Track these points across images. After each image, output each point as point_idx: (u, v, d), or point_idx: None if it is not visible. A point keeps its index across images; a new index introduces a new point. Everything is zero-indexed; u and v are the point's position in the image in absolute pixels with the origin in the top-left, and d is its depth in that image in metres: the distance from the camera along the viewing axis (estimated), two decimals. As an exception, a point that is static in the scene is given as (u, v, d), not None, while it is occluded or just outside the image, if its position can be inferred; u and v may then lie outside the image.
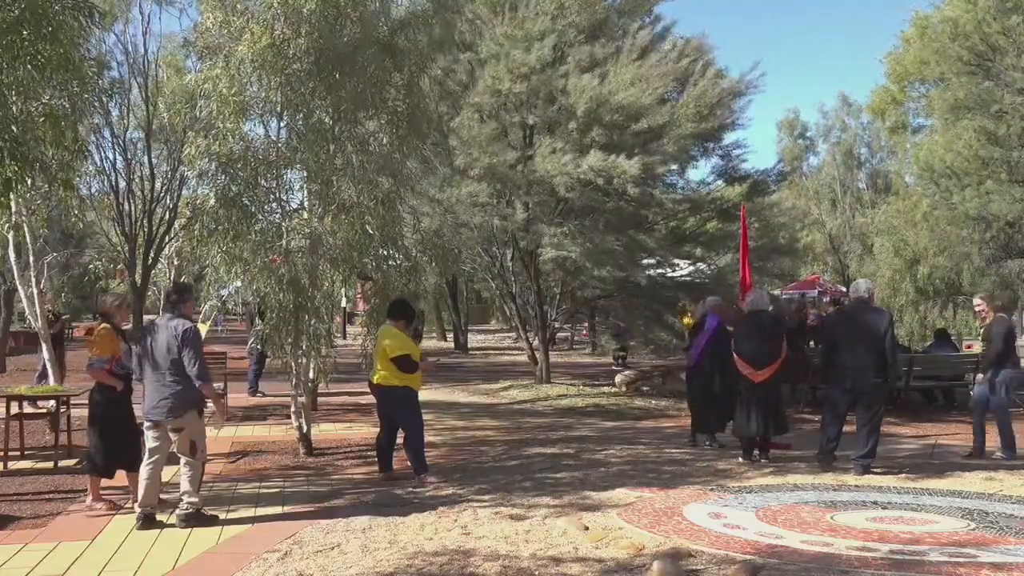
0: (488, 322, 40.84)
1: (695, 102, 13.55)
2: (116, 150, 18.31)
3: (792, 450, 8.72)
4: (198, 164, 8.15)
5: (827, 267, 40.54)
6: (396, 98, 8.91)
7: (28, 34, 5.85)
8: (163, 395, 5.98)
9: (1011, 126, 17.81)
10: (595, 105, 12.72)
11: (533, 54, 13.06)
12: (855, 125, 42.16)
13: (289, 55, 8.02)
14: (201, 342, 6.19)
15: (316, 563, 5.07)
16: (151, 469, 6.00)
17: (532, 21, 13.44)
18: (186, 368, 5.94)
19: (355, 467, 8.14)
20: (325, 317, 8.73)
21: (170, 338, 5.99)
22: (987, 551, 5.19)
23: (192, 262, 22.73)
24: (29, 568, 5.04)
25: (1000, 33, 17.65)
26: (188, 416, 6.04)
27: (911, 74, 24.52)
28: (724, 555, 5.15)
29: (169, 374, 5.97)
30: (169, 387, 5.97)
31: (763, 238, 14.65)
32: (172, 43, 18.91)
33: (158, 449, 6.05)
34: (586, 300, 17.17)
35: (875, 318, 7.80)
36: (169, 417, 5.98)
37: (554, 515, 6.12)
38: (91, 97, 7.14)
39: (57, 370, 11.45)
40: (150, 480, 5.98)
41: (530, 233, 13.76)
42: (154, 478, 6.01)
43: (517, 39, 13.37)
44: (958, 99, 18.68)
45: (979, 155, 18.44)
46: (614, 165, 12.21)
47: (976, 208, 18.35)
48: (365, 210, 8.54)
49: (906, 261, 29.24)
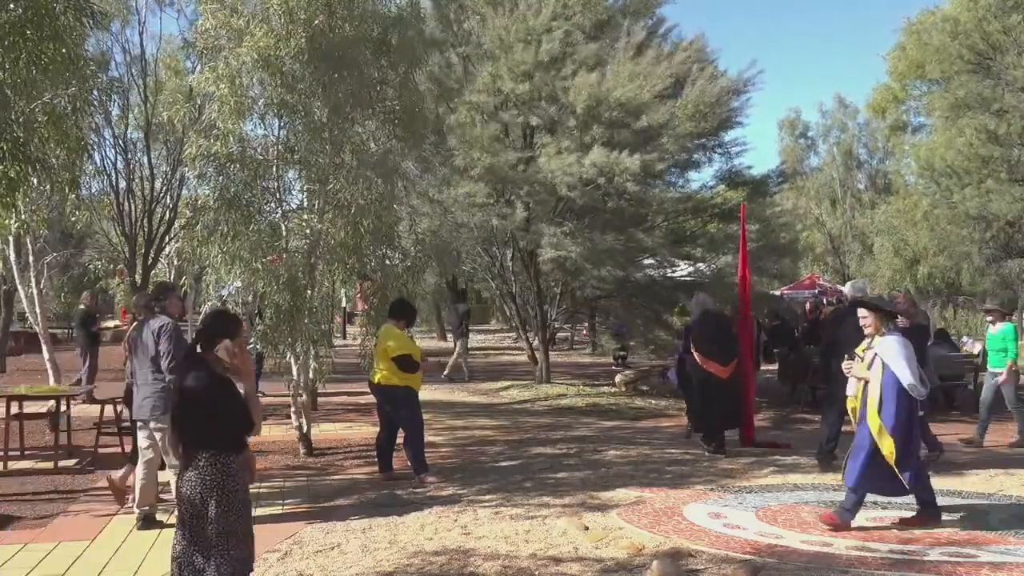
0: (488, 322, 40.83)
1: (694, 101, 13.53)
2: (116, 150, 18.31)
3: (792, 450, 8.73)
4: (198, 164, 8.16)
5: (827, 267, 40.55)
6: (392, 97, 8.93)
7: (31, 34, 5.86)
8: (146, 394, 5.99)
9: (1011, 125, 17.82)
10: (594, 102, 12.71)
11: (536, 53, 13.05)
12: (853, 125, 42.19)
13: (285, 54, 8.03)
14: (180, 338, 6.13)
15: (316, 563, 5.08)
16: (145, 469, 6.00)
17: (534, 19, 13.43)
18: (160, 364, 5.93)
19: (355, 467, 8.14)
20: (323, 317, 8.73)
21: (149, 336, 6.01)
22: (987, 551, 5.20)
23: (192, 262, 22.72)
24: (29, 568, 5.05)
25: (1000, 32, 17.66)
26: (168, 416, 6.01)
27: (912, 72, 24.54)
28: (724, 555, 5.15)
29: (151, 373, 5.96)
30: (151, 386, 5.97)
31: (763, 238, 14.63)
32: (171, 45, 18.93)
33: (150, 449, 6.04)
34: (586, 300, 17.16)
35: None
36: (152, 416, 5.96)
37: (554, 515, 6.12)
38: (91, 97, 7.15)
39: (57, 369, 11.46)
40: (146, 480, 5.98)
41: (530, 233, 13.75)
42: (149, 478, 6.00)
43: (519, 38, 13.36)
44: (958, 98, 18.69)
45: (979, 154, 18.44)
46: (616, 161, 12.22)
47: (976, 207, 18.36)
48: (360, 210, 8.55)
49: (906, 261, 29.29)
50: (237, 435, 3.73)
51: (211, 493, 3.58)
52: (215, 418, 3.64)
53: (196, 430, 3.66)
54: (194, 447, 3.66)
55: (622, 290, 14.99)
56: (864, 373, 5.78)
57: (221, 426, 3.65)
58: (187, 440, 3.69)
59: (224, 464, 3.62)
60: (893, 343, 5.71)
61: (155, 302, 6.30)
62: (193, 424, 3.67)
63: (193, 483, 3.60)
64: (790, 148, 44.82)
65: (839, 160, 41.73)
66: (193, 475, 3.61)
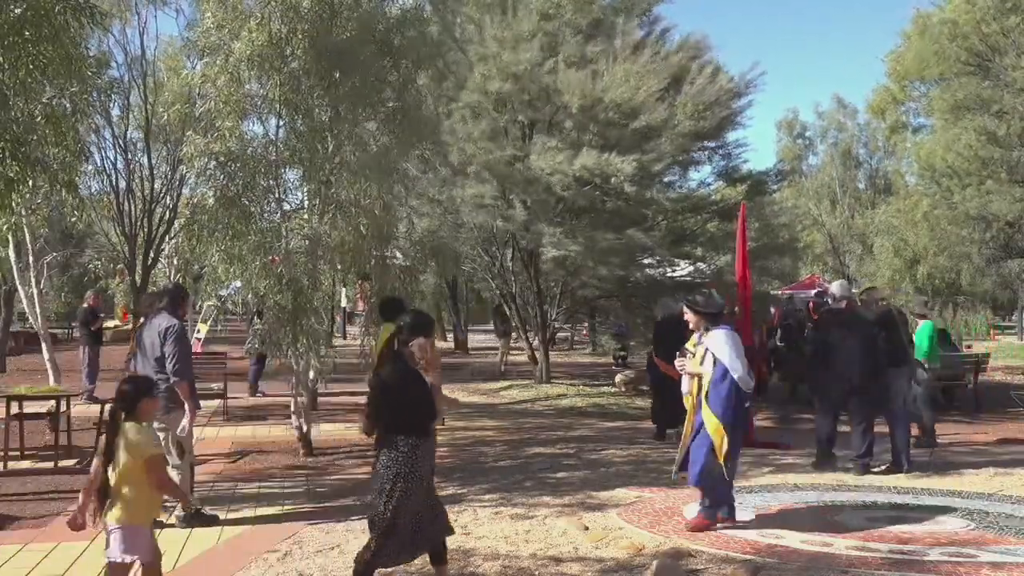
0: (488, 322, 40.80)
1: (692, 100, 13.49)
2: (116, 150, 18.29)
3: (791, 450, 8.73)
4: (197, 163, 8.15)
5: (827, 267, 40.55)
6: (393, 97, 8.93)
7: (30, 35, 5.86)
8: None
9: (1011, 126, 17.81)
10: (589, 103, 12.69)
11: (522, 53, 13.02)
12: (852, 125, 42.20)
13: (287, 54, 8.03)
14: (185, 340, 6.14)
15: (316, 563, 5.08)
16: None
17: (522, 21, 13.41)
18: (166, 365, 5.92)
19: (355, 467, 8.14)
20: (324, 317, 8.73)
21: (155, 336, 6.00)
22: (987, 551, 5.20)
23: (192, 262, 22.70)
24: (29, 568, 5.05)
25: (999, 33, 17.66)
26: (174, 416, 6.01)
27: (911, 74, 24.54)
28: (724, 555, 5.15)
29: (154, 373, 5.95)
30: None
31: (763, 238, 14.63)
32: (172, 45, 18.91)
33: None
34: (586, 300, 17.17)
35: (868, 317, 7.83)
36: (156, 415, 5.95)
37: (554, 515, 6.12)
38: (91, 97, 7.15)
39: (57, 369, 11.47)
40: None
41: (530, 232, 13.74)
42: None
43: (507, 39, 13.33)
44: (958, 99, 18.69)
45: (979, 155, 18.43)
46: (607, 163, 12.17)
47: (976, 208, 18.36)
48: (360, 210, 8.54)
49: (906, 261, 29.31)
50: (424, 422, 4.24)
51: (402, 472, 4.10)
52: (408, 407, 4.16)
53: (392, 417, 4.17)
54: (391, 431, 4.16)
55: (622, 290, 14.99)
56: (697, 369, 5.80)
57: (412, 414, 4.17)
58: (383, 426, 4.20)
59: (413, 447, 4.13)
60: (722, 337, 5.73)
61: (170, 304, 6.28)
62: (390, 412, 4.18)
63: (387, 463, 4.13)
64: (788, 148, 44.85)
65: (838, 160, 41.74)
66: (392, 455, 4.13)
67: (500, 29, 13.47)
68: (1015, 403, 12.11)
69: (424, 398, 4.19)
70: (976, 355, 13.43)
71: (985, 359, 13.14)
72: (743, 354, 5.72)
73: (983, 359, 12.98)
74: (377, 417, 4.22)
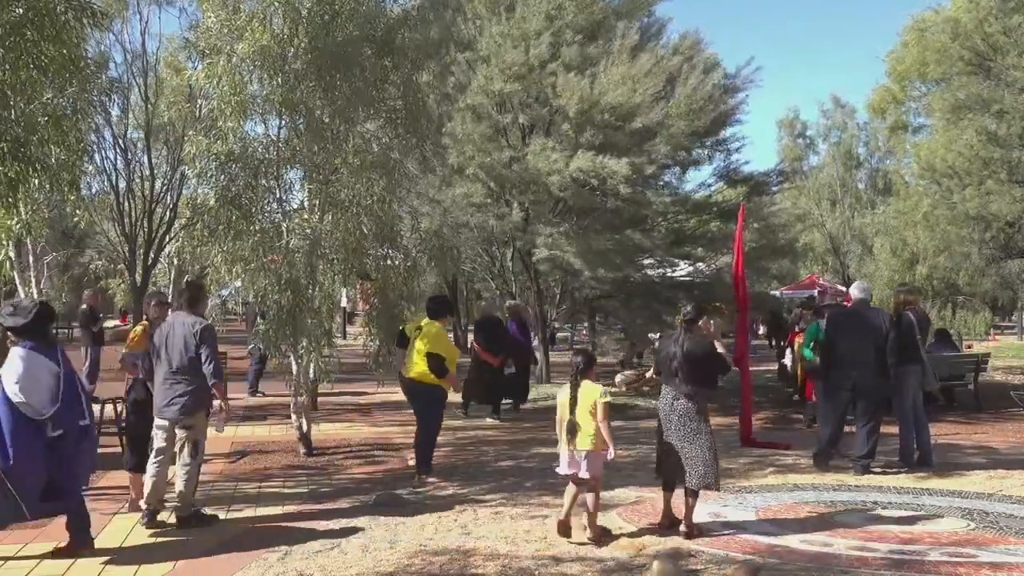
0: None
1: (687, 98, 13.43)
2: (116, 150, 18.31)
3: (791, 450, 8.73)
4: (198, 163, 8.16)
5: (827, 267, 40.53)
6: (394, 97, 8.93)
7: (31, 35, 5.86)
8: (178, 392, 5.96)
9: (1012, 126, 17.78)
10: (587, 105, 12.68)
11: (525, 54, 13.02)
12: (852, 125, 42.15)
13: (288, 54, 8.03)
14: (216, 339, 6.17)
15: (316, 563, 5.08)
16: (158, 468, 6.01)
17: (526, 21, 13.40)
18: (202, 366, 5.92)
19: (355, 467, 8.15)
20: (325, 317, 8.74)
21: (188, 336, 5.97)
22: (987, 551, 5.20)
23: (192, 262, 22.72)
24: (29, 568, 5.05)
25: (1001, 33, 17.63)
26: (198, 415, 6.05)
27: (912, 73, 24.51)
28: (724, 555, 5.16)
29: (185, 372, 5.96)
30: (184, 385, 5.96)
31: (763, 238, 14.61)
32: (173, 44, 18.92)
33: (166, 448, 6.05)
34: (586, 300, 17.15)
35: (875, 317, 7.82)
36: (182, 415, 5.97)
37: (554, 515, 6.11)
38: (92, 97, 7.15)
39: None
40: (157, 478, 5.99)
41: (527, 233, 13.74)
42: (161, 476, 6.02)
43: (512, 38, 13.33)
44: (959, 99, 18.65)
45: (980, 155, 18.40)
46: (602, 166, 12.15)
47: (976, 208, 18.32)
48: (361, 210, 8.54)
49: (905, 261, 29.29)
50: (716, 377, 5.96)
51: (702, 414, 5.70)
52: (708, 366, 5.74)
53: (697, 375, 5.69)
54: (694, 385, 5.68)
55: (622, 290, 14.98)
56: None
57: (709, 372, 5.80)
58: (691, 381, 5.67)
59: (705, 398, 5.80)
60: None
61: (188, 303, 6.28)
62: (698, 371, 5.69)
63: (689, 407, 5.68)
64: (789, 148, 44.79)
65: (838, 160, 41.69)
66: (689, 404, 5.68)
67: (508, 27, 13.46)
68: (1015, 403, 12.11)
69: (717, 360, 5.78)
70: (976, 355, 13.42)
71: (985, 359, 13.13)
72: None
73: (983, 359, 12.97)
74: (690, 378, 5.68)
